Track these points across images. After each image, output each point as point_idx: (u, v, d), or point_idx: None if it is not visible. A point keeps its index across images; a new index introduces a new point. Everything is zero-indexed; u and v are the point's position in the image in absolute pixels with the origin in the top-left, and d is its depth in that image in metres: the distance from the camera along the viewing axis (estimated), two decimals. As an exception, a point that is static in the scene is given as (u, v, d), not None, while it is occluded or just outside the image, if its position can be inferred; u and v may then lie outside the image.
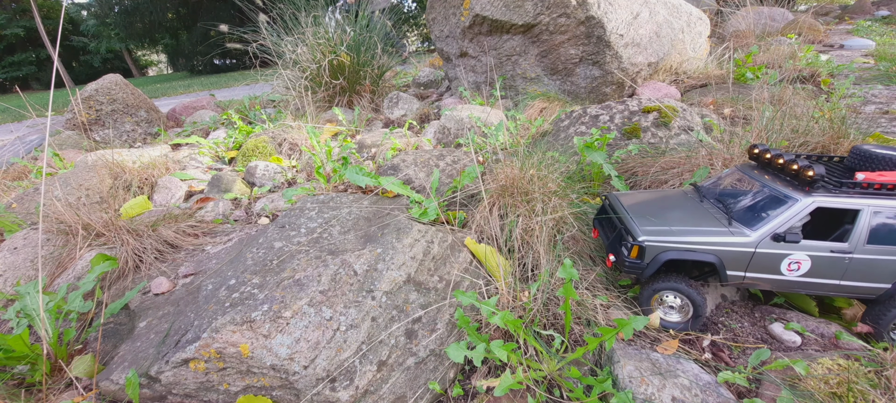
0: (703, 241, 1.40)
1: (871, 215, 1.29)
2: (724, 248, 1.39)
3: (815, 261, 1.35)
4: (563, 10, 3.49)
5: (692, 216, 1.51)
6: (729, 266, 1.40)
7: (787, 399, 1.15)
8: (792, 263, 1.37)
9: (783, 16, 6.49)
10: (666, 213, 1.55)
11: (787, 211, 1.33)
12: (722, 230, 1.41)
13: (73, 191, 2.72)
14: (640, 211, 1.59)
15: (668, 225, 1.47)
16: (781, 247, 1.35)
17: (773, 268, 1.38)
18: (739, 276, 1.42)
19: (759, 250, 1.36)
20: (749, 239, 1.37)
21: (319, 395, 1.22)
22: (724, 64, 4.27)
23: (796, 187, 1.37)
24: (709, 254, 1.40)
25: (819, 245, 1.35)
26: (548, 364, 1.34)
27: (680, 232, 1.43)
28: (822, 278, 1.37)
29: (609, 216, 1.68)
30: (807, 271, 1.37)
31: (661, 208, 1.60)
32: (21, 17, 25.61)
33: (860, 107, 3.18)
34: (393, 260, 1.59)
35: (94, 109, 4.62)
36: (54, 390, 1.44)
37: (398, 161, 2.51)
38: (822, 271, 1.36)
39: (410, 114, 4.51)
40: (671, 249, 1.42)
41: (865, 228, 1.30)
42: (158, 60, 37.54)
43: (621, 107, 2.76)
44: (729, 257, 1.39)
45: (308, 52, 4.79)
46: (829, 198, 1.30)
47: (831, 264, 1.35)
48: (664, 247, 1.42)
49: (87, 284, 1.68)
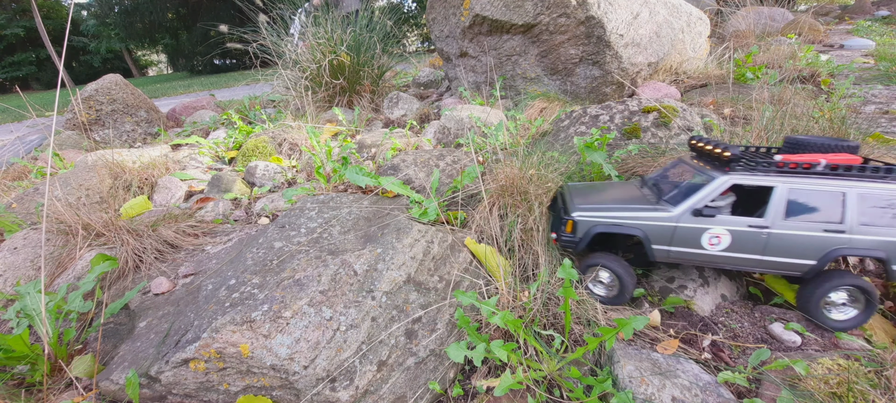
0: (630, 216, 1.54)
1: (787, 192, 1.38)
2: (649, 223, 1.52)
3: (735, 236, 1.45)
4: (563, 10, 3.49)
5: (626, 198, 1.64)
6: (654, 240, 1.52)
7: (787, 399, 1.15)
8: (712, 238, 1.47)
9: (783, 16, 6.49)
10: (604, 197, 1.69)
11: (706, 188, 1.45)
12: (649, 207, 1.54)
13: (73, 191, 2.72)
14: (582, 195, 1.74)
15: (602, 204, 1.61)
16: (700, 221, 1.46)
17: (695, 243, 1.49)
18: (665, 251, 1.53)
19: (681, 224, 1.48)
20: (671, 213, 1.49)
21: (319, 395, 1.22)
22: (724, 64, 4.27)
23: (717, 168, 1.47)
24: (635, 229, 1.54)
25: (737, 220, 1.44)
26: (548, 364, 1.34)
27: (610, 210, 1.58)
28: (744, 252, 1.46)
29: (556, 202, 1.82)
30: (728, 246, 1.47)
31: (601, 193, 1.74)
32: (21, 17, 25.61)
33: (860, 107, 3.18)
34: (393, 260, 1.59)
35: (94, 109, 4.62)
36: (54, 390, 1.44)
37: (398, 161, 2.51)
38: (743, 246, 1.45)
39: (410, 114, 4.51)
40: (601, 223, 1.57)
41: (782, 204, 1.39)
42: (158, 60, 37.55)
43: (621, 107, 2.76)
44: (653, 231, 1.52)
45: (308, 51, 4.79)
46: (745, 175, 1.41)
47: (750, 238, 1.43)
48: (595, 222, 1.58)
49: (87, 284, 1.68)
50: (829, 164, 1.37)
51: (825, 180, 1.36)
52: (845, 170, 1.36)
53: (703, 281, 1.69)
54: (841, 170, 1.37)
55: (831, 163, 1.37)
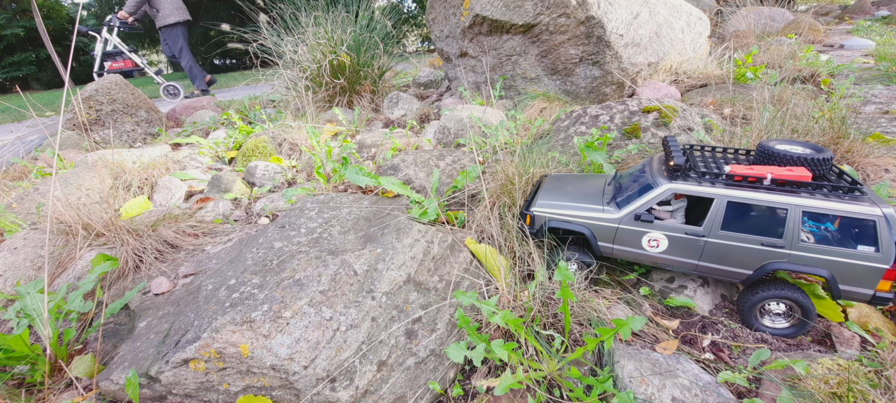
0: (580, 215, 1.64)
1: (725, 204, 1.40)
2: (594, 222, 1.62)
3: (672, 241, 1.51)
4: (563, 10, 3.49)
5: (584, 195, 1.72)
6: (599, 238, 1.62)
7: (787, 399, 1.15)
8: (651, 240, 1.54)
9: (783, 16, 6.49)
10: (567, 191, 1.78)
11: (648, 194, 1.51)
12: (597, 207, 1.63)
13: (74, 191, 2.72)
14: (552, 188, 1.83)
15: (561, 200, 1.71)
16: (640, 225, 1.53)
17: (636, 243, 1.57)
18: (609, 247, 1.63)
19: (623, 226, 1.56)
20: (614, 216, 1.58)
21: (319, 395, 1.22)
22: (724, 64, 4.27)
23: (664, 175, 1.52)
24: (582, 226, 1.64)
25: (674, 226, 1.50)
26: (548, 364, 1.34)
27: (565, 207, 1.68)
28: (682, 257, 1.52)
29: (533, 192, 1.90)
30: (665, 249, 1.53)
31: (567, 188, 1.82)
32: (21, 17, 25.61)
33: (860, 107, 3.18)
34: (393, 260, 1.59)
35: (94, 109, 4.61)
36: (54, 390, 1.44)
37: (398, 161, 2.51)
38: (680, 251, 1.51)
39: (410, 114, 4.51)
40: (554, 219, 1.69)
41: (719, 215, 1.41)
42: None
43: (621, 107, 2.76)
44: (598, 230, 1.62)
45: (308, 51, 4.78)
46: (684, 185, 1.45)
47: (687, 245, 1.49)
48: (548, 217, 1.70)
49: (87, 284, 1.68)
50: (775, 179, 1.37)
51: (768, 195, 1.36)
52: (792, 186, 1.36)
53: (703, 281, 1.69)
54: (788, 185, 1.37)
55: (778, 179, 1.37)
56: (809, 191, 1.36)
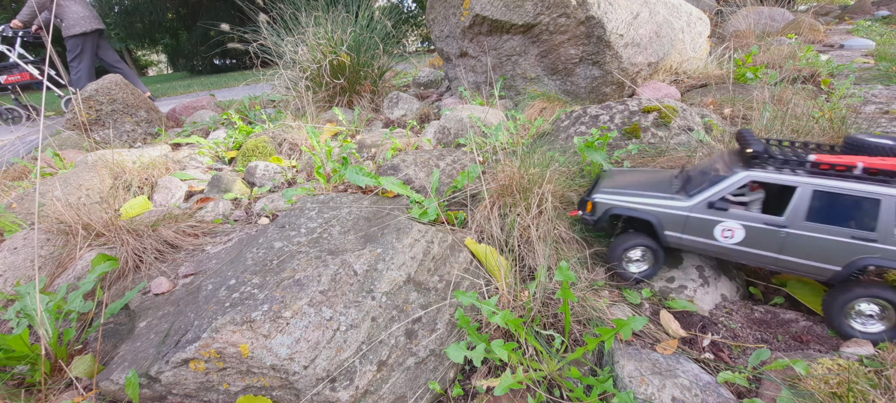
0: (646, 202, 1.59)
1: (810, 193, 1.32)
2: (662, 210, 1.56)
3: (750, 231, 1.43)
4: (563, 10, 3.49)
5: (650, 185, 1.67)
6: (667, 226, 1.56)
7: (787, 399, 1.15)
8: (726, 230, 1.46)
9: (783, 16, 6.49)
10: (631, 181, 1.73)
11: (724, 182, 1.45)
12: (665, 195, 1.57)
13: (74, 191, 2.72)
14: (612, 178, 1.81)
15: (625, 189, 1.67)
16: (713, 213, 1.47)
17: (708, 233, 1.50)
18: (676, 237, 1.57)
19: (694, 214, 1.51)
20: (685, 204, 1.52)
21: (319, 395, 1.22)
22: (724, 64, 4.27)
23: (741, 164, 1.45)
24: (648, 214, 1.59)
25: (752, 216, 1.42)
26: (548, 364, 1.34)
27: (629, 195, 1.63)
28: (759, 249, 1.43)
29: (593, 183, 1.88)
30: (741, 240, 1.45)
31: (631, 178, 1.78)
32: (21, 17, 25.56)
33: (860, 107, 3.18)
34: (393, 260, 1.59)
35: (94, 109, 4.61)
36: (54, 390, 1.44)
37: (398, 161, 2.51)
38: (758, 242, 1.43)
39: (410, 114, 4.51)
40: (616, 206, 1.64)
41: (803, 205, 1.33)
42: (158, 60, 37.50)
43: (621, 107, 2.76)
44: (666, 218, 1.56)
45: (308, 51, 4.79)
46: (763, 173, 1.38)
47: (766, 236, 1.40)
48: (611, 205, 1.65)
49: (87, 284, 1.68)
50: (867, 168, 1.28)
51: (857, 185, 1.27)
52: (887, 175, 1.26)
53: (704, 280, 1.69)
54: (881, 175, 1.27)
55: (870, 167, 1.27)
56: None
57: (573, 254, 1.82)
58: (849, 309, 1.38)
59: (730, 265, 1.82)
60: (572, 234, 1.89)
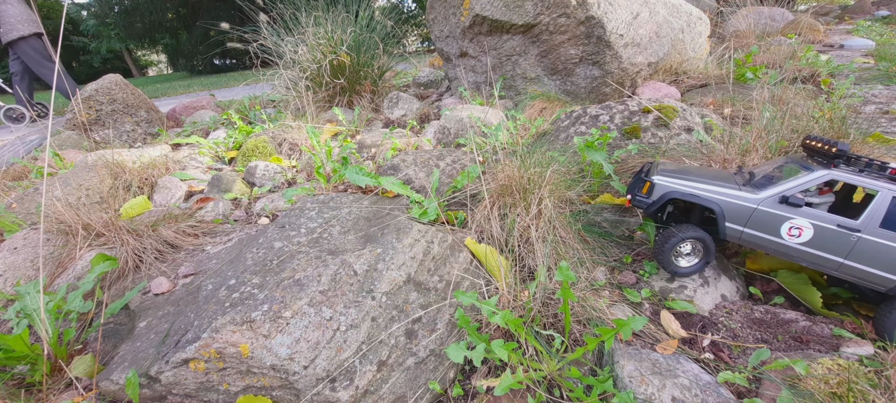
0: (709, 189, 1.50)
1: (891, 199, 1.28)
2: (727, 199, 1.47)
3: (819, 232, 1.37)
4: (563, 10, 3.49)
5: (712, 176, 1.59)
6: (729, 217, 1.47)
7: (787, 399, 1.15)
8: (793, 228, 1.40)
9: (783, 16, 6.49)
10: (690, 172, 1.65)
11: (803, 177, 1.38)
12: (732, 185, 1.49)
13: (73, 191, 2.72)
14: (671, 167, 1.73)
15: (684, 176, 1.59)
16: (784, 209, 1.39)
17: (773, 230, 1.42)
18: (738, 231, 1.48)
19: (762, 208, 1.42)
20: (755, 196, 1.44)
21: (319, 395, 1.22)
22: (724, 64, 4.27)
23: (821, 163, 1.41)
24: (711, 202, 1.49)
25: (825, 216, 1.36)
26: (548, 364, 1.34)
27: (690, 181, 1.55)
28: (825, 252, 1.38)
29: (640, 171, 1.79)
30: (808, 240, 1.39)
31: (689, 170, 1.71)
32: (21, 17, 25.54)
33: (860, 107, 3.18)
34: (393, 260, 1.59)
35: (94, 109, 4.62)
36: (54, 390, 1.44)
37: (398, 161, 2.51)
38: (825, 244, 1.37)
39: (410, 114, 4.51)
40: (677, 190, 1.54)
41: (881, 211, 1.29)
42: (158, 60, 37.52)
43: (621, 107, 2.76)
44: (730, 209, 1.47)
45: (308, 51, 4.79)
46: (849, 174, 1.33)
47: (836, 239, 1.35)
48: (671, 188, 1.55)
49: (87, 284, 1.68)
50: None
51: None
52: None
53: (703, 280, 1.69)
54: None
55: None
56: None
57: (573, 254, 1.82)
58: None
59: (730, 265, 1.82)
60: (572, 234, 1.89)
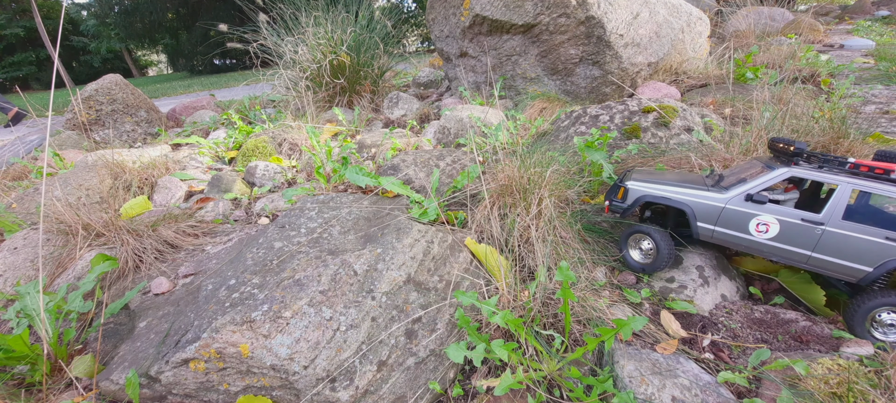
0: (681, 192, 1.60)
1: (850, 192, 1.34)
2: (697, 200, 1.56)
3: (785, 227, 1.43)
4: (563, 10, 3.49)
5: (682, 180, 1.68)
6: (700, 217, 1.56)
7: (787, 399, 1.15)
8: (760, 224, 1.46)
9: (783, 16, 6.49)
10: (662, 177, 1.74)
11: (765, 176, 1.46)
12: (701, 187, 1.58)
13: (73, 191, 2.72)
14: (643, 173, 1.81)
15: (656, 180, 1.69)
16: (750, 207, 1.47)
17: (742, 227, 1.50)
18: (709, 229, 1.56)
19: (730, 206, 1.50)
20: (722, 196, 1.52)
21: (319, 395, 1.22)
22: (724, 64, 4.27)
23: (783, 161, 1.47)
24: (682, 203, 1.59)
25: (789, 211, 1.43)
26: (548, 364, 1.34)
27: (662, 185, 1.65)
28: (792, 245, 1.44)
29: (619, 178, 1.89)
30: (775, 235, 1.45)
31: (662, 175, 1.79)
32: (21, 17, 25.60)
33: (860, 107, 3.18)
34: (393, 260, 1.59)
35: (94, 109, 4.62)
36: (54, 390, 1.44)
37: (398, 161, 2.51)
38: (792, 238, 1.43)
39: (410, 114, 4.51)
40: (649, 194, 1.64)
41: (842, 203, 1.35)
42: (158, 60, 37.54)
43: (621, 107, 2.76)
44: (701, 209, 1.55)
45: (308, 51, 4.79)
46: (808, 170, 1.40)
47: (801, 232, 1.41)
48: (644, 192, 1.66)
49: (87, 284, 1.68)
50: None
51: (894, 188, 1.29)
52: None
53: (704, 280, 1.69)
54: None
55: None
56: None
57: (573, 254, 1.82)
58: (871, 317, 1.38)
59: (730, 265, 1.82)
60: (572, 234, 1.89)
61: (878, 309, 1.36)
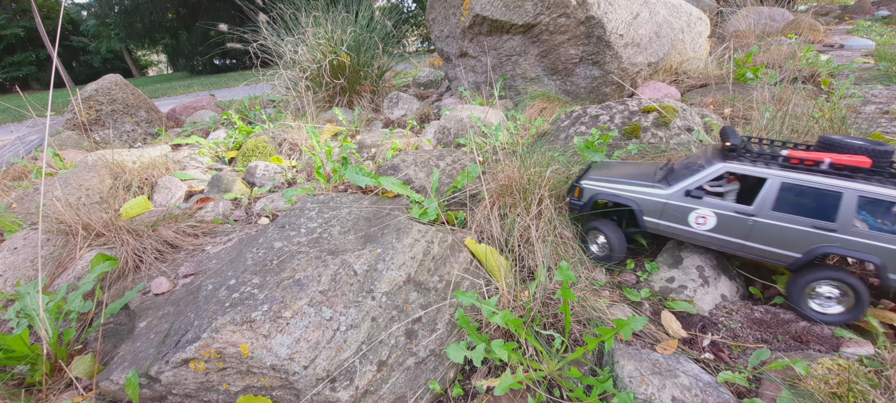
0: (629, 189, 1.71)
1: (779, 184, 1.42)
2: (642, 197, 1.68)
3: (721, 219, 1.54)
4: (563, 10, 3.49)
5: (634, 175, 1.78)
6: (646, 212, 1.68)
7: (787, 399, 1.15)
8: (699, 217, 1.58)
9: (783, 16, 6.49)
10: (617, 172, 1.84)
11: (701, 172, 1.57)
12: (647, 184, 1.69)
13: (73, 191, 2.72)
14: (601, 168, 1.93)
15: (610, 177, 1.79)
16: (689, 201, 1.59)
17: (683, 220, 1.61)
18: (654, 223, 1.68)
19: (672, 202, 1.62)
20: (664, 192, 1.64)
21: (319, 395, 1.22)
22: (724, 64, 4.27)
23: (719, 157, 1.56)
24: (629, 201, 1.71)
25: (724, 204, 1.53)
26: (548, 364, 1.34)
27: (614, 182, 1.76)
28: (728, 236, 1.54)
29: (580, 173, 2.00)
30: (713, 227, 1.56)
31: (618, 170, 1.89)
32: (21, 17, 25.61)
33: (860, 107, 3.18)
34: (393, 260, 1.59)
35: (94, 109, 4.62)
36: (54, 390, 1.44)
37: (398, 161, 2.51)
38: (728, 229, 1.53)
39: (410, 114, 4.51)
40: (601, 193, 1.77)
41: (772, 195, 1.44)
42: (158, 60, 37.55)
43: (621, 107, 2.76)
44: (646, 205, 1.68)
45: (308, 51, 4.79)
46: (738, 165, 1.50)
47: (735, 224, 1.51)
48: (597, 191, 1.78)
49: (87, 284, 1.68)
50: (833, 164, 1.37)
51: (823, 178, 1.36)
52: (850, 171, 1.35)
53: (703, 280, 1.69)
54: (846, 170, 1.35)
55: (836, 163, 1.36)
56: (867, 177, 1.34)
57: (573, 254, 1.82)
58: (809, 290, 1.47)
59: (730, 265, 1.82)
60: (572, 234, 1.89)
61: (817, 282, 1.44)
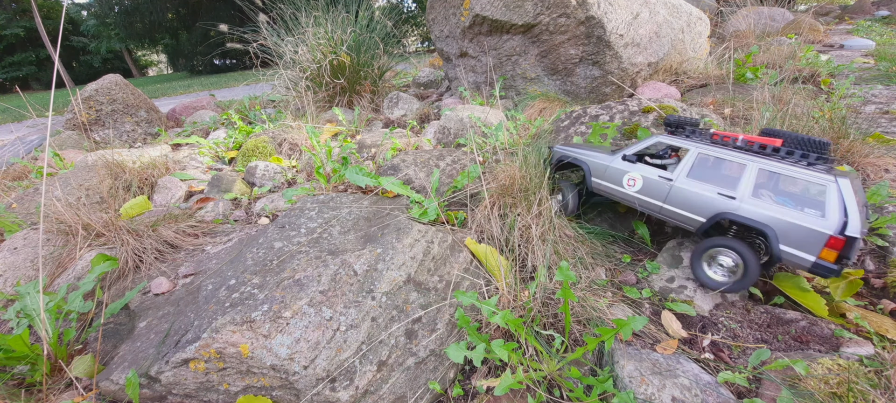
0: (584, 153, 2.01)
1: (696, 155, 1.64)
2: (592, 160, 1.95)
3: (646, 182, 1.75)
4: (563, 10, 3.49)
5: (595, 149, 2.06)
6: (593, 173, 1.94)
7: (787, 399, 1.15)
8: (630, 179, 1.80)
9: (783, 16, 6.49)
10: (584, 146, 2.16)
11: (641, 142, 1.82)
12: (598, 152, 1.96)
13: (73, 191, 2.72)
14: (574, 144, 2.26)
15: (574, 147, 2.12)
16: (625, 165, 1.83)
17: (618, 181, 1.85)
18: (598, 182, 1.93)
19: (613, 165, 1.87)
20: (610, 157, 1.90)
21: (319, 395, 1.22)
22: (724, 64, 4.27)
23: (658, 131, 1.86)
24: (581, 162, 2.00)
25: (650, 169, 1.76)
26: (548, 364, 1.34)
27: (576, 150, 2.07)
28: (651, 197, 1.74)
29: None
30: (640, 189, 1.77)
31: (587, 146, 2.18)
32: (21, 17, 25.61)
33: (860, 107, 3.18)
34: (393, 260, 1.59)
35: (94, 109, 4.62)
36: (54, 390, 1.44)
37: (398, 161, 2.51)
38: (651, 191, 1.74)
39: (410, 114, 4.51)
40: (563, 155, 2.10)
41: (689, 164, 1.65)
42: (158, 60, 37.55)
43: (621, 107, 2.76)
44: (594, 167, 1.94)
45: (308, 52, 4.79)
46: (668, 137, 1.75)
47: (657, 186, 1.72)
48: (560, 154, 2.12)
49: (87, 284, 1.68)
50: (746, 140, 1.55)
51: (731, 152, 1.54)
52: (759, 147, 1.52)
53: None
54: (755, 147, 1.53)
55: (748, 140, 1.55)
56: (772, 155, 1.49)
57: (573, 254, 1.82)
58: (707, 257, 1.62)
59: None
60: (573, 234, 1.89)
61: (714, 248, 1.58)
